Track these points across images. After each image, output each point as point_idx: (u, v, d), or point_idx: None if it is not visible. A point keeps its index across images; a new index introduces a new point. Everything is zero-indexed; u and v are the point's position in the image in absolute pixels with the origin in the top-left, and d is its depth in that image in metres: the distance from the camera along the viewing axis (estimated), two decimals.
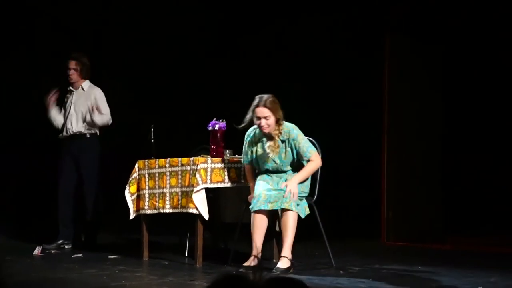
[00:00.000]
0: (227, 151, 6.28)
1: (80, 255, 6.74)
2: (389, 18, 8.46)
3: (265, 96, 5.68)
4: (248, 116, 5.75)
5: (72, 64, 7.32)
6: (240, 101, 8.85)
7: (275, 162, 5.72)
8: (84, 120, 7.29)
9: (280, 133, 5.67)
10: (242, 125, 5.79)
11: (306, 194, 5.74)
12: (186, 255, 6.68)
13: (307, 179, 5.70)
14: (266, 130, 5.65)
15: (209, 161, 6.02)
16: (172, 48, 9.39)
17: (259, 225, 5.57)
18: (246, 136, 5.89)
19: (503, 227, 8.42)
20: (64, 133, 7.37)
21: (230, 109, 7.82)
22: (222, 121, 6.29)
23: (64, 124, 7.37)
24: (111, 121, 7.31)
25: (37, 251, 6.88)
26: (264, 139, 5.74)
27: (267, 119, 5.61)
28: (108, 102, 7.37)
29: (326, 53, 8.95)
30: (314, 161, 5.65)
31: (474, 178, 8.81)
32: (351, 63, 8.82)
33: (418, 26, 8.44)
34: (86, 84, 7.38)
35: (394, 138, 8.34)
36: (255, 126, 5.80)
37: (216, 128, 6.26)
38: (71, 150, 7.31)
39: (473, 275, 5.42)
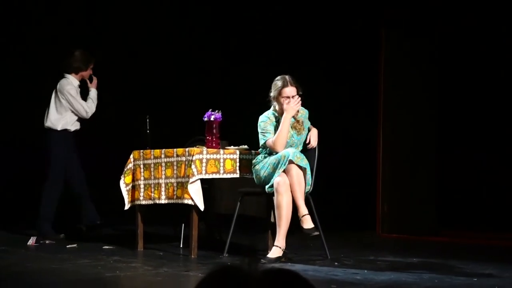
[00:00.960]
0: (223, 142, 6.27)
1: (75, 245, 6.73)
2: (384, 13, 8.46)
3: (287, 76, 5.82)
4: (273, 98, 5.86)
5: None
6: (236, 92, 8.87)
7: (293, 139, 5.85)
8: None
9: (298, 111, 5.86)
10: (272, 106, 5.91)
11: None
12: (181, 246, 6.68)
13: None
14: (299, 107, 5.80)
15: (205, 152, 6.01)
16: (167, 39, 9.37)
17: (298, 181, 5.57)
18: (263, 119, 5.90)
19: (497, 221, 8.43)
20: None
21: (226, 100, 7.83)
22: (218, 112, 6.28)
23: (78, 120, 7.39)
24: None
25: (31, 241, 6.87)
26: (280, 119, 5.80)
27: (295, 97, 5.76)
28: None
29: (321, 46, 8.94)
30: None
31: (468, 172, 8.81)
32: (346, 57, 8.80)
33: (413, 21, 8.43)
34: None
35: (389, 132, 8.35)
36: (268, 112, 5.88)
37: (212, 119, 6.24)
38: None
39: (467, 268, 5.42)
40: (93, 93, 7.36)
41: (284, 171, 5.62)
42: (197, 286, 1.23)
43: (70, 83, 7.25)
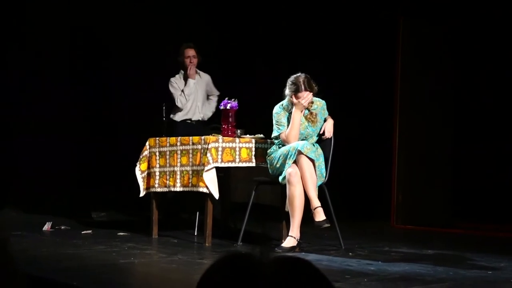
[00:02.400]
0: (239, 130, 6.28)
1: (90, 231, 6.77)
2: (402, 1, 8.42)
3: (301, 78, 5.79)
4: (287, 96, 5.87)
5: (193, 51, 7.43)
6: (252, 80, 8.85)
7: (307, 130, 5.87)
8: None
9: (312, 103, 5.89)
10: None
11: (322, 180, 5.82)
12: (195, 234, 6.70)
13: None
14: (309, 101, 5.83)
15: (220, 140, 6.02)
16: (183, 25, 9.35)
17: (310, 173, 5.58)
18: (277, 110, 5.92)
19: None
20: (194, 118, 7.45)
21: (242, 88, 7.81)
22: (234, 100, 6.28)
23: (189, 110, 7.44)
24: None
25: (47, 226, 6.91)
26: (293, 110, 5.82)
27: (309, 97, 5.81)
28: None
29: (339, 36, 8.91)
30: None
31: (484, 164, 8.76)
32: (363, 47, 8.77)
33: (431, 7, 8.39)
34: (198, 70, 7.56)
35: (405, 123, 8.34)
36: (283, 102, 5.92)
37: (228, 107, 6.25)
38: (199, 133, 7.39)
39: (482, 260, 5.41)
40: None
41: (295, 162, 5.63)
42: (206, 272, 1.23)
43: None
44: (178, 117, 7.45)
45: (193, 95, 7.41)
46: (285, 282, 1.17)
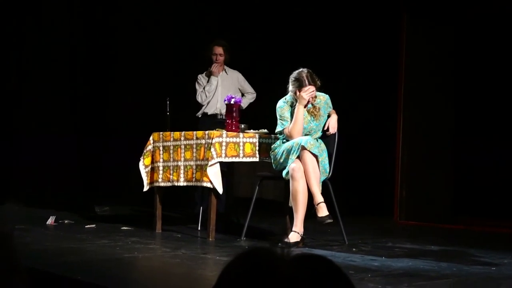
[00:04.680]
0: (243, 125, 6.27)
1: (93, 225, 6.78)
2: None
3: (304, 73, 5.77)
4: (291, 91, 5.85)
5: (220, 49, 7.43)
6: (256, 75, 8.84)
7: (310, 125, 5.85)
8: None
9: (315, 97, 5.88)
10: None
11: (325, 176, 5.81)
12: (199, 229, 6.71)
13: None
14: (312, 95, 5.81)
15: (224, 135, 6.01)
16: (187, 22, 9.35)
17: (313, 168, 5.57)
18: (280, 105, 5.92)
19: None
20: (210, 112, 7.45)
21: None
22: (238, 95, 6.27)
23: (211, 105, 7.45)
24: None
25: (50, 220, 6.91)
26: (296, 104, 5.81)
27: (313, 92, 5.80)
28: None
29: (342, 33, 8.90)
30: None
31: (486, 159, 8.74)
32: (367, 43, 8.75)
33: (435, 8, 8.38)
34: (226, 68, 7.56)
35: (409, 119, 8.33)
36: (286, 97, 5.91)
37: (232, 102, 6.25)
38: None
39: (486, 256, 5.40)
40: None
41: (298, 158, 5.63)
42: (227, 266, 1.23)
43: None
44: (199, 113, 7.49)
45: (214, 91, 7.42)
46: (305, 280, 1.17)
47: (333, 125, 5.95)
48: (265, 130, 6.32)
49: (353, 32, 8.84)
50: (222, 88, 7.44)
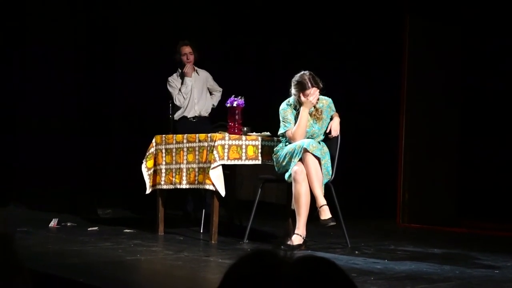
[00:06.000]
0: (245, 128, 6.27)
1: (96, 228, 6.78)
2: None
3: (306, 76, 5.76)
4: (294, 94, 5.84)
5: (189, 48, 7.42)
6: (258, 77, 8.84)
7: (313, 128, 5.85)
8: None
9: (318, 99, 5.87)
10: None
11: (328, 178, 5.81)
12: (201, 231, 6.70)
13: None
14: (316, 98, 5.81)
15: (227, 138, 6.01)
16: (191, 22, 9.35)
17: (315, 170, 5.57)
18: (283, 107, 5.91)
19: None
20: (190, 115, 7.45)
21: (248, 85, 7.80)
22: (241, 98, 6.27)
23: (186, 107, 7.45)
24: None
25: (53, 223, 6.91)
26: (301, 108, 5.81)
27: (317, 94, 5.80)
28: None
29: (345, 33, 8.90)
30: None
31: (490, 162, 8.73)
32: (370, 44, 8.76)
33: (438, 8, 8.37)
34: (197, 68, 7.56)
35: (411, 121, 8.32)
36: (289, 99, 5.91)
37: (235, 105, 6.24)
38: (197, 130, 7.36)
39: (489, 259, 5.39)
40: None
41: (300, 160, 5.63)
42: (231, 267, 1.23)
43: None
44: (177, 115, 7.46)
45: (189, 92, 7.41)
46: (308, 282, 1.17)
47: (335, 127, 5.95)
48: (268, 133, 6.31)
49: (356, 31, 8.84)
50: (195, 89, 7.45)
